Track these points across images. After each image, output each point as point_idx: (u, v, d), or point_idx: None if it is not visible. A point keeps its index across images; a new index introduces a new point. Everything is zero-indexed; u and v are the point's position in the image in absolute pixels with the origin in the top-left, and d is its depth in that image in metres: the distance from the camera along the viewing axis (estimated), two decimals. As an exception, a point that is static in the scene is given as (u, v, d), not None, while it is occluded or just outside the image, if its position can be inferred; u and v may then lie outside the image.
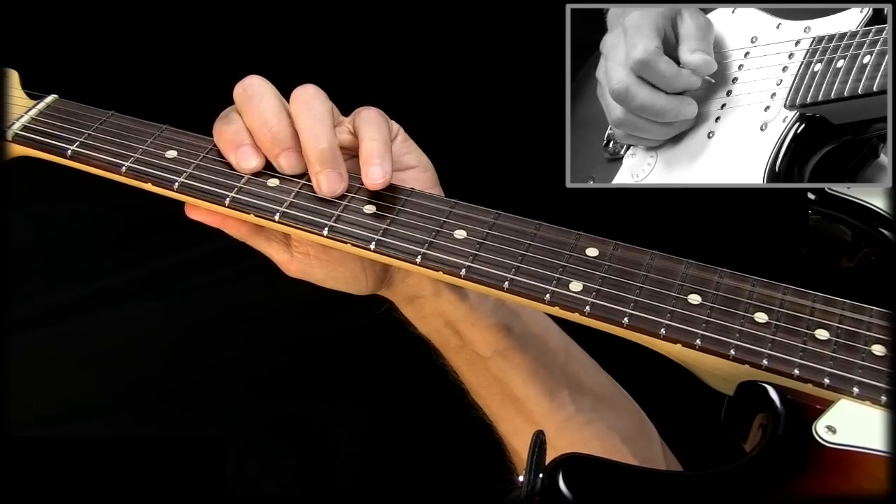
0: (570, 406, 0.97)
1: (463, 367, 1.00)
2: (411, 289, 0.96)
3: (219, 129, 0.89)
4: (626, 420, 1.00)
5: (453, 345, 0.98)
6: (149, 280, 1.38)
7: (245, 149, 0.88)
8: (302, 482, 1.23)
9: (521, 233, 0.82)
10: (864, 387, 0.70)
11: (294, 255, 0.92)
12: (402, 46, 1.39)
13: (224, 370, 1.31)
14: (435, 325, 0.98)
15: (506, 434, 1.01)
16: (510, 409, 0.98)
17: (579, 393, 0.98)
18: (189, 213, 0.91)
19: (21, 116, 0.93)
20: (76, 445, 1.09)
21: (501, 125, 1.37)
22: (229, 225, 0.90)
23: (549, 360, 0.98)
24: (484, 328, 0.96)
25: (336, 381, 1.31)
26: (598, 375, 1.02)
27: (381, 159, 0.86)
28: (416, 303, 0.97)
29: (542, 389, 0.97)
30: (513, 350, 0.97)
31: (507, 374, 0.97)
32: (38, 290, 1.36)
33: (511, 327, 0.97)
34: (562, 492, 0.67)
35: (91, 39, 1.44)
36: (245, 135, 0.88)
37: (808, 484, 0.67)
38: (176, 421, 1.27)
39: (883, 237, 0.84)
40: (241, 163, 0.88)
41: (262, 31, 1.43)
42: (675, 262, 0.79)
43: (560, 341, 1.00)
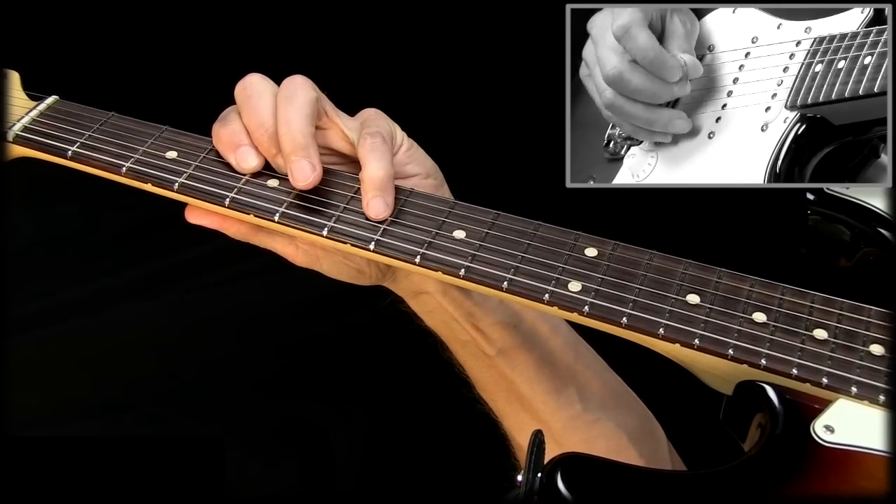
0: (576, 404, 0.97)
1: (469, 362, 1.00)
2: (416, 284, 0.96)
3: (217, 130, 0.89)
4: (632, 419, 0.99)
5: (460, 339, 0.98)
6: (149, 280, 1.38)
7: (244, 149, 0.87)
8: (302, 482, 1.23)
9: (521, 233, 0.82)
10: (862, 386, 0.70)
11: (299, 247, 0.92)
12: (402, 46, 1.39)
13: (224, 370, 1.31)
14: (441, 319, 0.98)
15: (511, 430, 1.01)
16: (516, 405, 0.98)
17: (586, 391, 0.98)
18: (189, 218, 0.91)
19: (22, 117, 0.93)
20: (76, 445, 1.09)
21: (501, 125, 1.37)
22: (229, 226, 0.90)
23: (556, 358, 0.98)
24: (490, 325, 0.96)
25: (336, 381, 1.31)
26: (606, 374, 1.01)
27: (382, 192, 0.85)
28: (422, 298, 0.97)
29: (548, 387, 0.97)
30: (519, 348, 0.96)
31: (513, 371, 0.97)
32: (38, 290, 1.36)
33: (517, 325, 0.97)
34: (560, 491, 0.67)
35: (91, 40, 1.44)
36: (243, 135, 0.88)
37: (806, 483, 0.67)
38: (176, 421, 1.27)
39: (882, 237, 0.84)
40: (240, 163, 0.88)
41: (263, 31, 1.43)
42: (673, 262, 0.79)
43: (568, 339, 1.00)
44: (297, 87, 0.88)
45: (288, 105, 0.87)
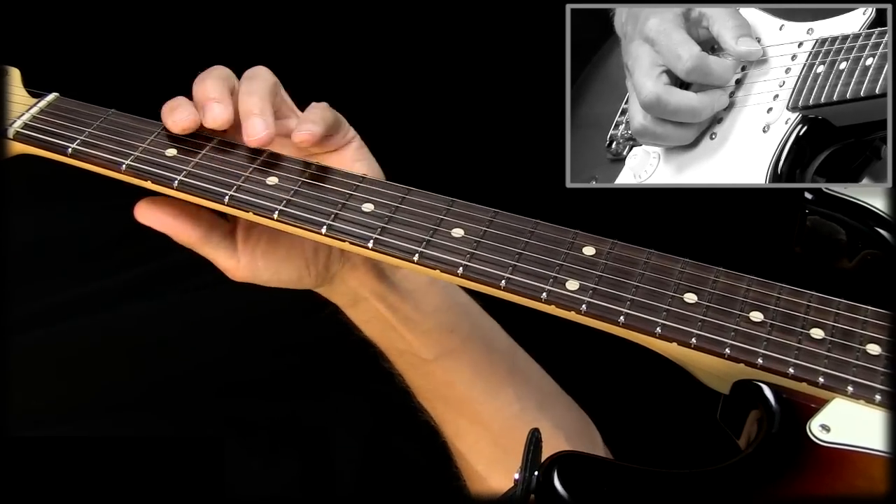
0: (515, 404, 0.98)
1: (408, 372, 1.01)
2: (353, 290, 0.96)
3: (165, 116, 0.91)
4: (570, 420, 1.00)
5: (398, 348, 0.99)
6: (148, 280, 1.38)
7: (177, 108, 0.90)
8: (302, 482, 1.22)
9: (519, 231, 0.82)
10: (858, 386, 0.70)
11: (241, 260, 0.92)
12: (402, 46, 1.39)
13: (224, 370, 1.31)
14: (378, 328, 0.98)
15: (451, 436, 1.01)
16: (454, 411, 0.99)
17: (523, 391, 0.99)
18: (139, 217, 0.91)
19: (22, 114, 0.93)
20: (76, 445, 1.09)
21: (501, 125, 1.37)
22: (179, 232, 0.91)
23: (494, 360, 0.98)
24: (427, 330, 0.97)
25: (336, 381, 1.31)
26: (543, 377, 1.03)
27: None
28: (359, 306, 0.97)
29: (486, 388, 0.98)
30: (457, 351, 0.97)
31: (452, 375, 0.98)
32: (38, 290, 1.36)
33: (455, 329, 0.97)
34: (556, 489, 0.67)
35: (91, 38, 1.44)
36: (181, 100, 0.90)
37: (801, 482, 0.67)
38: (176, 421, 1.27)
39: (880, 237, 0.84)
40: (169, 117, 0.89)
41: (263, 31, 1.44)
42: (671, 261, 0.79)
43: (504, 343, 1.01)
44: (258, 70, 0.91)
45: (250, 81, 0.90)
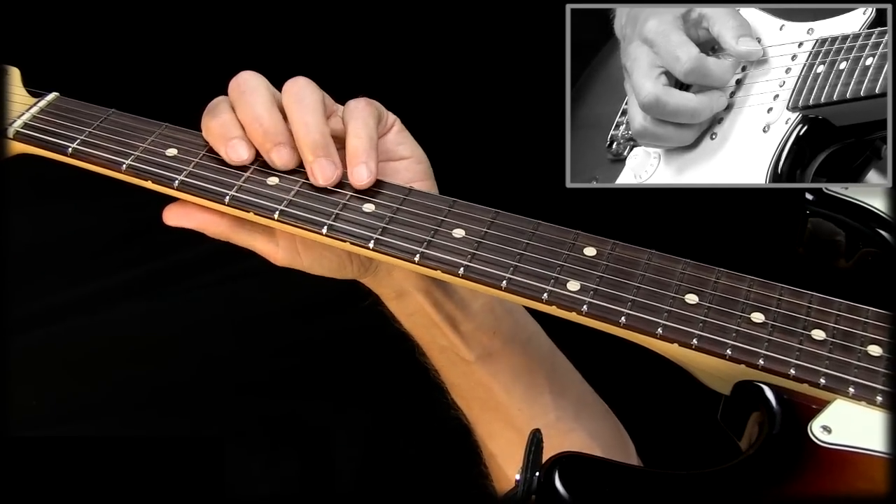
0: (551, 413, 0.97)
1: (446, 368, 1.00)
2: (398, 283, 0.95)
3: (206, 123, 0.90)
4: (606, 431, 0.99)
5: (439, 344, 0.98)
6: (148, 280, 1.38)
7: (235, 141, 0.87)
8: (302, 482, 1.22)
9: (520, 232, 0.82)
10: (859, 387, 0.70)
11: (280, 244, 0.92)
12: (402, 46, 1.39)
13: (224, 370, 1.31)
14: (421, 323, 0.97)
15: (483, 437, 1.00)
16: (491, 413, 0.98)
17: (562, 400, 0.98)
18: (167, 220, 0.91)
19: (22, 114, 0.93)
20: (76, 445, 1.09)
21: (502, 125, 1.37)
22: (208, 226, 0.90)
23: (533, 367, 0.97)
24: (471, 330, 0.96)
25: (336, 381, 1.31)
26: (581, 385, 1.01)
27: (366, 157, 0.86)
28: (403, 299, 0.96)
29: (524, 395, 0.96)
30: (498, 354, 0.96)
31: (492, 377, 0.97)
32: (38, 290, 1.36)
33: (497, 331, 0.96)
34: (558, 490, 0.67)
35: (91, 38, 1.44)
36: (235, 127, 0.88)
37: (803, 483, 0.66)
38: (176, 421, 1.27)
39: (881, 238, 0.84)
40: (230, 155, 0.88)
41: (262, 29, 1.44)
42: (672, 261, 0.79)
43: (546, 348, 1.00)
44: (303, 87, 0.89)
45: (300, 107, 0.87)
